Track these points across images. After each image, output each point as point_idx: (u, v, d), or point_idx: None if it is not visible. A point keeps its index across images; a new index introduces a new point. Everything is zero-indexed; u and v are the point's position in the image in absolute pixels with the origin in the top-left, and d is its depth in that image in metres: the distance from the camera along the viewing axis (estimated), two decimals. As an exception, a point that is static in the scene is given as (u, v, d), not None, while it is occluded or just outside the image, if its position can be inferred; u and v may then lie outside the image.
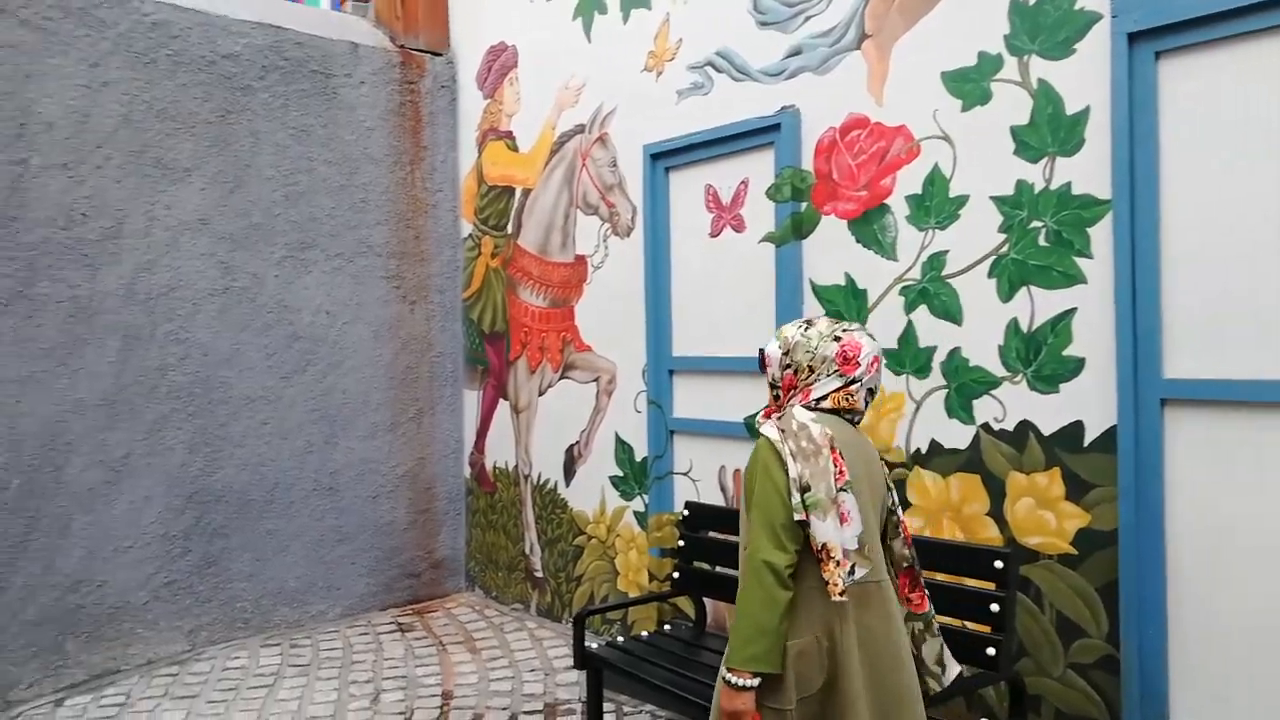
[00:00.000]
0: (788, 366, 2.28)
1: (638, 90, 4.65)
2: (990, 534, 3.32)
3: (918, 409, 3.55)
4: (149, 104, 4.72)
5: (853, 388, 2.22)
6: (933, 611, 2.33)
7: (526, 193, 5.44)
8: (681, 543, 3.72)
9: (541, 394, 5.37)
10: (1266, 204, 2.72)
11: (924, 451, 3.53)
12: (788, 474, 2.07)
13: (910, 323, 3.56)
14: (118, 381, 4.62)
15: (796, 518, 2.05)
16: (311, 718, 4.12)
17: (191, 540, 4.91)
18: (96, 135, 4.54)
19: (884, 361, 2.31)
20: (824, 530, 2.03)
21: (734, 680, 2.03)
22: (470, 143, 5.92)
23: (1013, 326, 3.27)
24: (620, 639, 3.57)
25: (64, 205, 4.44)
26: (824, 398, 2.22)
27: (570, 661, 4.64)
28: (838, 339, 2.24)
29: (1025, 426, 3.25)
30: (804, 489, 2.05)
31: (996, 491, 3.33)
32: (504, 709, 4.17)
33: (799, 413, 2.16)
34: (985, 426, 3.36)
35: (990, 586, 2.72)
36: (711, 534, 3.76)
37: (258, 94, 5.12)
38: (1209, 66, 2.81)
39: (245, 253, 5.10)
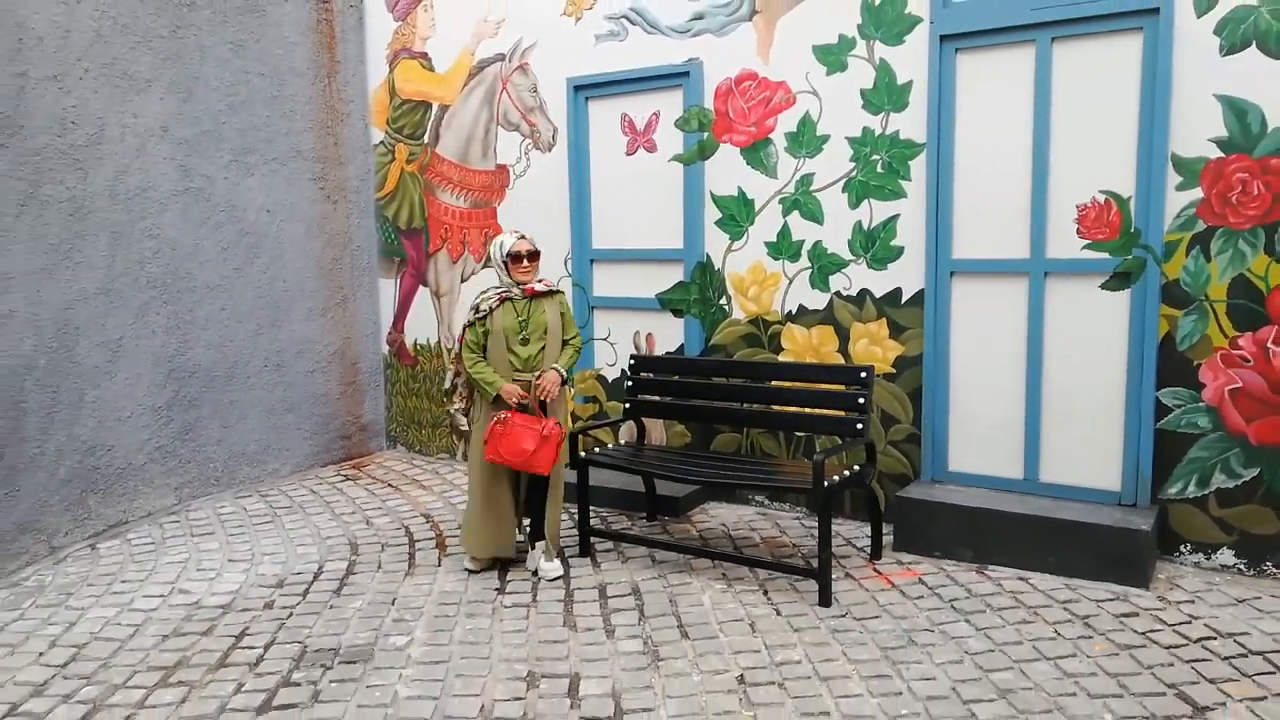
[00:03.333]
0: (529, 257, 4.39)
1: (557, 30, 5.74)
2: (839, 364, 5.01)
3: (790, 283, 5.12)
4: (114, 19, 5.20)
5: None
6: None
7: (444, 108, 6.37)
8: (630, 383, 5.10)
9: (464, 280, 6.47)
10: (1008, 154, 4.44)
11: (794, 312, 5.13)
12: None
13: (786, 224, 5.09)
14: (109, 273, 5.23)
15: None
16: (327, 536, 5.19)
17: (173, 410, 5.66)
18: (76, 49, 5.01)
19: None
20: None
21: (565, 375, 4.37)
22: (379, 59, 6.69)
23: (857, 226, 4.88)
24: (595, 450, 4.92)
25: (57, 114, 4.92)
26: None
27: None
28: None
29: (864, 293, 4.91)
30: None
31: (844, 336, 5.00)
32: (479, 520, 5.43)
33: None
34: (837, 294, 4.99)
35: (856, 389, 4.37)
36: (652, 376, 5.14)
37: (201, 10, 5.66)
38: (987, 61, 4.46)
39: (199, 157, 5.72)
